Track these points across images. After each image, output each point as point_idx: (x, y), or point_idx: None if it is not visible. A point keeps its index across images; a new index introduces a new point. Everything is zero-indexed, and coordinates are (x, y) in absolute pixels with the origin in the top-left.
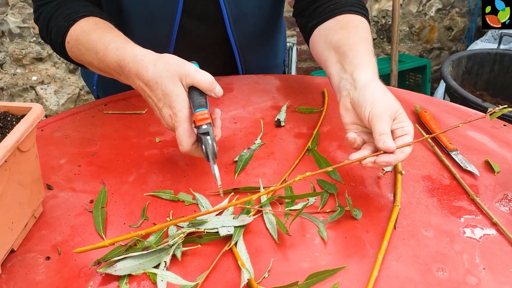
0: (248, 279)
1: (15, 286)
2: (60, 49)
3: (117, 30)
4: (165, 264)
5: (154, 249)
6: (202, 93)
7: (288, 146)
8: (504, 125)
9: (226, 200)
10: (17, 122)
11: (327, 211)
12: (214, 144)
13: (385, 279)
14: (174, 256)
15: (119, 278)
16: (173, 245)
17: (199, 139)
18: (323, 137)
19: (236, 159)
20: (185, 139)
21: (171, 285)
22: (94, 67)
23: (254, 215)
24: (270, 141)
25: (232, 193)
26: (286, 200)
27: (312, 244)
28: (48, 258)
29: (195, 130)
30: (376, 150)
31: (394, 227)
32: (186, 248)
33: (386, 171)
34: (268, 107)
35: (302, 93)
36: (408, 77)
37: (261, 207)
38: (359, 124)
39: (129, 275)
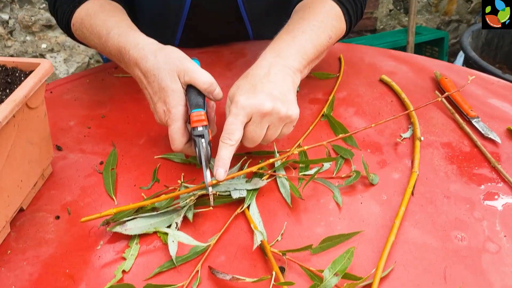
0: (261, 241)
1: (24, 244)
2: (66, 30)
3: (123, 13)
4: (176, 225)
5: (165, 210)
6: (200, 92)
7: (303, 112)
8: None
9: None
10: (25, 78)
11: (342, 176)
12: (209, 148)
13: (402, 244)
14: (185, 218)
15: (129, 238)
16: (184, 206)
17: (193, 140)
18: (338, 103)
19: None
20: (177, 138)
21: (182, 246)
22: (99, 51)
23: (267, 179)
24: None
25: (245, 157)
26: (300, 165)
27: (326, 209)
28: (57, 217)
29: (189, 129)
30: None
31: (412, 193)
32: (198, 210)
33: (404, 138)
34: None
35: None
36: (424, 49)
37: (274, 171)
38: None
39: (139, 236)
